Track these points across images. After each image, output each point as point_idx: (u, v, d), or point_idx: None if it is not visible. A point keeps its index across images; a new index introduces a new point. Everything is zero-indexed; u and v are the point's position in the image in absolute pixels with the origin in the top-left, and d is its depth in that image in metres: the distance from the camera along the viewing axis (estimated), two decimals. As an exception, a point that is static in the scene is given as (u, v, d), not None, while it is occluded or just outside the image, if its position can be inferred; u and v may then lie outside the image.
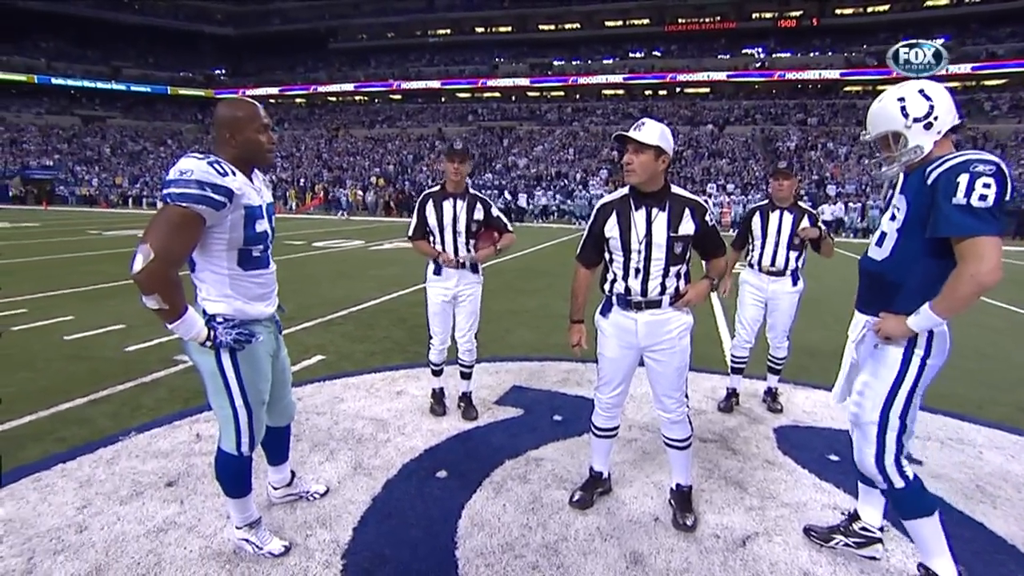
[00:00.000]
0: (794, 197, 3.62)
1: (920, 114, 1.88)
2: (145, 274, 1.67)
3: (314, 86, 49.68)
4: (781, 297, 3.65)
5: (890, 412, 1.96)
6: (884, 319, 1.94)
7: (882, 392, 1.96)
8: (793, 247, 3.56)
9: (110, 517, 2.40)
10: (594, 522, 2.45)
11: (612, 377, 2.47)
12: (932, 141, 1.88)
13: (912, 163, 1.92)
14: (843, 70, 39.93)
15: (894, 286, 1.94)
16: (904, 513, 2.02)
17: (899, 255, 1.93)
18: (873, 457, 1.99)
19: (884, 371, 1.96)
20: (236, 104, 1.92)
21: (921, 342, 1.90)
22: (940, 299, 1.77)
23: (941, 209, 1.74)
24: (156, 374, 4.21)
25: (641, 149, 2.20)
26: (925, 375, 1.93)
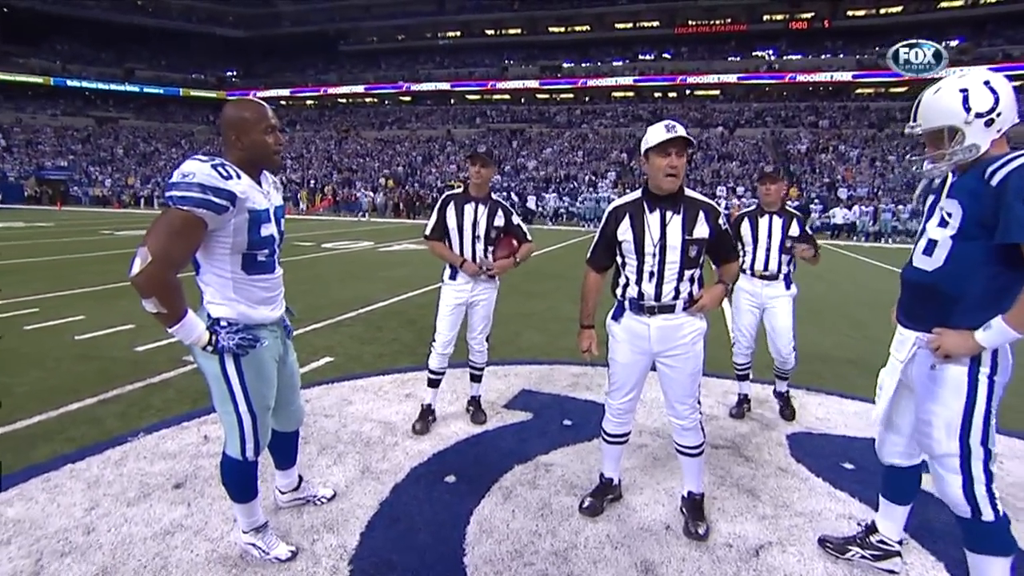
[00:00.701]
0: (782, 201, 3.56)
1: (983, 109, 1.72)
2: (143, 277, 1.65)
3: (324, 88, 49.99)
4: (776, 302, 3.56)
5: (970, 440, 1.78)
6: (943, 335, 1.78)
7: (955, 420, 1.79)
8: (784, 251, 3.50)
9: (118, 519, 2.39)
10: (604, 529, 2.42)
11: (624, 383, 2.44)
12: (990, 140, 1.72)
13: (963, 163, 1.77)
14: (855, 72, 39.61)
15: (951, 298, 1.78)
16: (979, 547, 1.84)
17: (955, 264, 1.77)
18: (960, 488, 1.81)
19: (950, 396, 1.80)
20: (243, 105, 1.90)
21: (986, 359, 1.75)
22: (1017, 311, 1.61)
23: (1013, 212, 1.58)
24: (165, 374, 4.22)
25: (685, 150, 2.16)
26: (996, 395, 1.77)
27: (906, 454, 2.10)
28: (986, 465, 1.79)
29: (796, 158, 33.16)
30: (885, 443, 2.15)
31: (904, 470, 2.14)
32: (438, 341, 3.37)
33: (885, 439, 2.15)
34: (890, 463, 2.16)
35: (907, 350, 1.93)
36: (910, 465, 2.12)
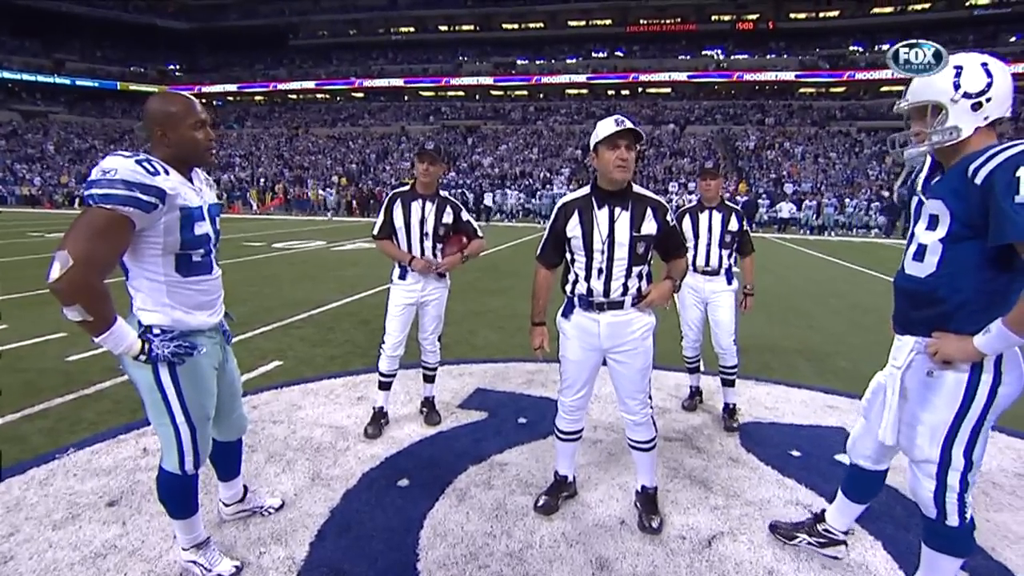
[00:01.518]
0: (722, 196, 3.60)
1: (973, 89, 1.63)
2: (64, 283, 1.52)
3: (274, 83, 48.45)
4: (719, 296, 3.57)
5: (952, 448, 1.72)
6: (942, 340, 1.70)
7: (941, 426, 1.73)
8: (725, 245, 3.53)
9: (41, 544, 2.23)
10: (559, 528, 2.41)
11: (575, 380, 2.43)
12: (973, 126, 1.64)
13: (943, 146, 1.70)
14: (798, 72, 41.20)
15: (948, 304, 1.71)
16: (935, 546, 1.83)
17: (948, 269, 1.69)
18: (932, 493, 1.77)
19: (941, 401, 1.73)
20: (168, 99, 1.78)
21: (988, 366, 1.66)
22: (1016, 314, 1.53)
23: (1003, 211, 1.49)
24: (99, 385, 3.98)
25: (633, 145, 2.16)
26: (996, 404, 1.67)
27: (874, 459, 2.07)
28: (964, 476, 1.73)
29: (744, 155, 34.20)
30: (858, 444, 2.11)
31: (869, 472, 2.11)
32: (388, 343, 3.29)
33: (861, 439, 2.09)
34: (856, 463, 2.13)
35: (905, 356, 1.84)
36: (876, 470, 2.10)
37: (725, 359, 3.60)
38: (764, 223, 24.26)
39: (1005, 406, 1.69)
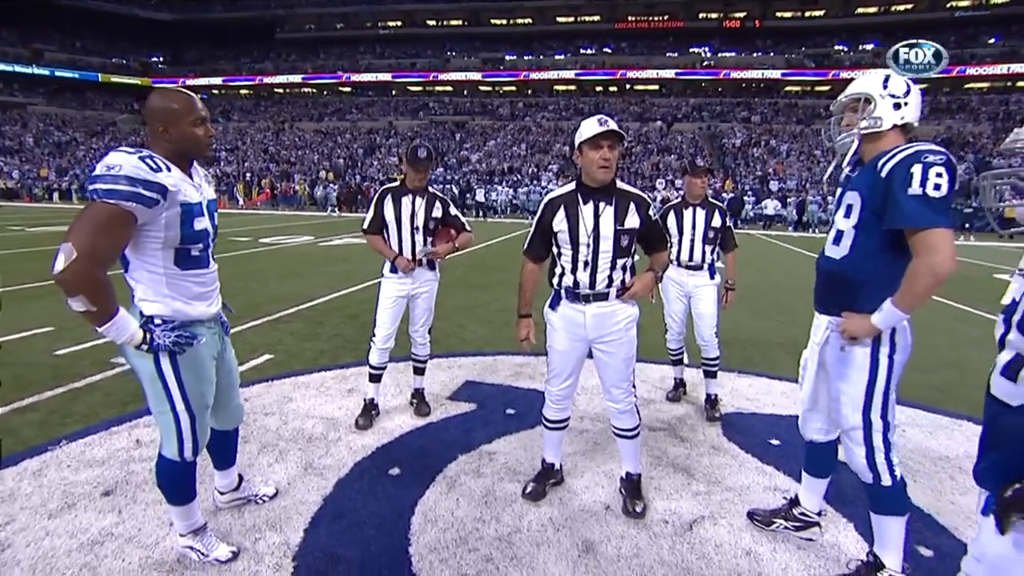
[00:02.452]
0: (705, 194, 3.67)
1: (897, 92, 1.92)
2: (68, 274, 1.57)
3: (260, 77, 47.97)
4: (702, 290, 3.66)
5: (871, 413, 1.95)
6: (848, 319, 1.93)
7: (858, 396, 1.95)
8: (708, 241, 3.62)
9: (38, 532, 2.26)
10: (547, 513, 2.49)
11: (562, 369, 2.51)
12: (892, 122, 1.90)
13: (867, 133, 1.94)
14: (784, 70, 41.65)
15: (856, 284, 1.92)
16: (880, 509, 2.02)
17: (858, 252, 1.91)
18: (864, 458, 1.98)
19: (855, 375, 1.95)
20: (170, 95, 1.82)
21: (885, 339, 1.90)
22: (901, 294, 1.76)
23: (897, 200, 1.74)
24: (90, 378, 3.99)
25: (617, 143, 2.24)
26: (896, 371, 1.92)
27: (824, 430, 2.26)
28: (885, 436, 1.96)
29: (731, 152, 34.55)
30: (807, 421, 2.30)
31: (822, 445, 2.29)
32: (378, 335, 3.35)
33: (807, 417, 2.30)
34: (810, 439, 2.31)
35: (822, 333, 2.09)
36: (827, 441, 2.28)
37: (707, 351, 3.70)
38: (750, 220, 24.56)
39: (901, 372, 1.95)
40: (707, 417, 3.63)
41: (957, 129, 32.86)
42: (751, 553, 2.26)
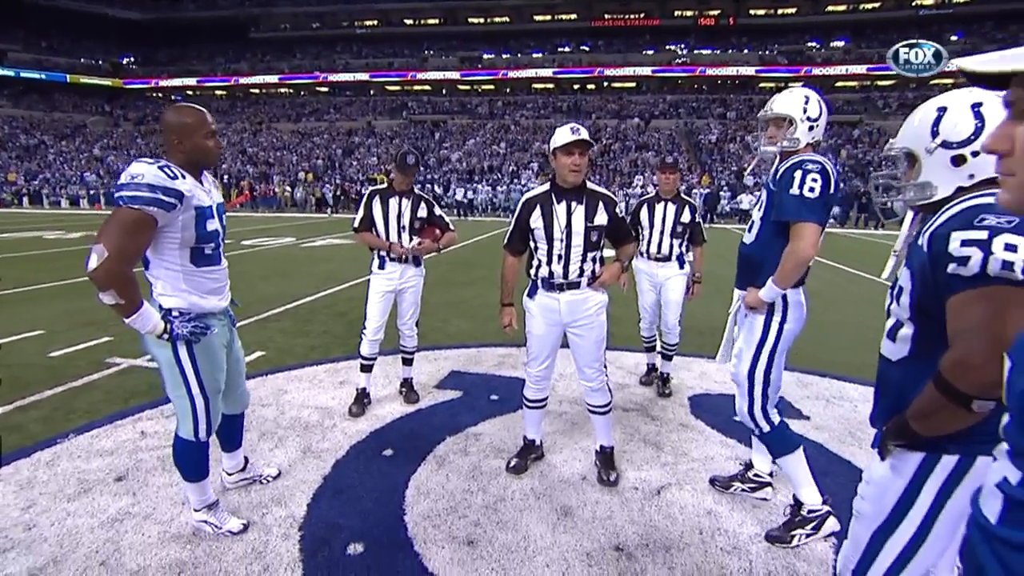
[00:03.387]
0: (677, 190, 3.94)
1: (813, 115, 2.28)
2: (101, 272, 1.78)
3: (235, 78, 47.32)
4: (672, 281, 3.93)
5: (756, 369, 2.32)
6: (748, 293, 2.34)
7: (749, 354, 2.35)
8: (676, 235, 3.87)
9: (59, 514, 2.44)
10: (529, 484, 2.74)
11: (540, 352, 2.76)
12: (805, 142, 2.28)
13: (786, 151, 2.30)
14: (758, 67, 42.40)
15: (758, 265, 2.31)
16: (774, 453, 2.41)
17: (761, 240, 2.31)
18: (747, 407, 2.37)
19: (750, 336, 2.36)
20: (184, 111, 2.04)
21: (778, 309, 2.29)
22: (777, 273, 2.18)
23: (781, 198, 2.16)
24: (88, 377, 4.14)
25: (587, 150, 2.49)
26: (784, 337, 2.30)
27: None
28: (764, 391, 2.32)
29: (707, 148, 35.14)
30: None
31: None
32: (369, 328, 3.56)
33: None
34: None
35: (734, 304, 2.51)
36: None
37: (669, 337, 4.02)
38: (726, 214, 25.08)
39: (791, 339, 2.33)
40: (659, 393, 3.98)
41: (923, 123, 33.86)
42: (712, 512, 2.54)
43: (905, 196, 1.32)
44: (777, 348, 2.31)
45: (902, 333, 1.29)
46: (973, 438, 1.14)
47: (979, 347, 1.04)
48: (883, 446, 1.30)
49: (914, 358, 1.26)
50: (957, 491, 1.20)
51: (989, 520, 0.69)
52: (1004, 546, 0.67)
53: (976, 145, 1.20)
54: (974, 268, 1.07)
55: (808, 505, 2.32)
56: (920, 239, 1.20)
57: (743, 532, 2.38)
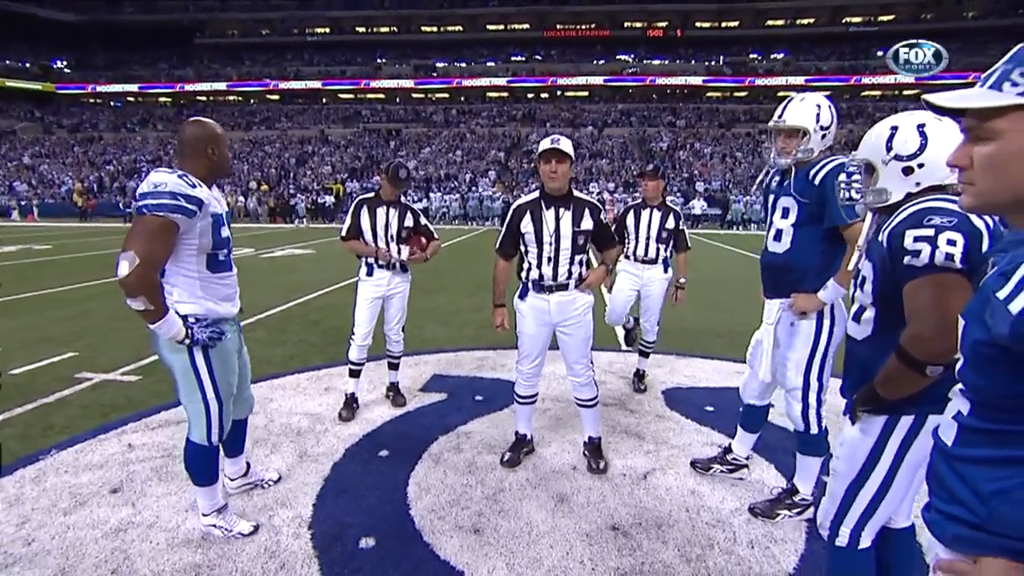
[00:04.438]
0: (662, 195, 4.11)
1: (826, 123, 2.32)
2: (133, 278, 1.84)
3: (181, 84, 45.77)
4: (654, 282, 4.12)
5: (811, 376, 2.38)
6: (796, 298, 2.35)
7: (802, 361, 2.39)
8: (661, 240, 4.07)
9: (58, 527, 2.43)
10: (524, 476, 2.89)
11: (531, 350, 2.93)
12: (819, 148, 2.33)
13: (801, 160, 2.34)
14: (705, 77, 44.14)
15: (800, 271, 2.35)
16: (805, 451, 2.50)
17: (798, 245, 2.36)
18: (800, 412, 2.43)
19: (800, 344, 2.39)
20: (210, 123, 2.15)
21: (827, 313, 2.34)
22: (841, 273, 2.21)
23: (832, 203, 2.18)
24: (58, 394, 4.03)
25: (564, 159, 2.67)
26: (834, 340, 2.36)
27: (759, 397, 2.77)
28: (819, 395, 2.41)
29: (659, 155, 36.25)
30: (747, 387, 2.79)
31: (758, 408, 2.81)
32: (357, 333, 3.64)
33: (748, 384, 2.78)
34: (749, 402, 2.81)
35: (775, 314, 2.50)
36: (762, 404, 2.80)
37: (648, 335, 4.24)
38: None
39: (838, 341, 2.35)
40: (634, 388, 4.19)
41: (857, 133, 35.95)
42: (695, 492, 2.75)
43: (865, 200, 1.56)
44: (828, 352, 2.37)
45: (866, 316, 1.52)
46: (925, 400, 1.38)
47: (930, 323, 1.27)
48: (853, 412, 1.52)
49: (876, 336, 1.49)
50: (914, 445, 1.44)
51: (947, 444, 0.91)
52: (958, 460, 0.89)
53: (922, 158, 1.46)
54: (924, 259, 1.30)
55: (802, 494, 2.53)
56: (880, 236, 1.43)
57: (724, 507, 2.61)
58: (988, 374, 0.84)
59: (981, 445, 0.87)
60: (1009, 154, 0.81)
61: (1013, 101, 0.80)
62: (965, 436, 0.89)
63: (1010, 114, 0.81)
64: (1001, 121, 0.81)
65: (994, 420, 0.85)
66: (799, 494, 2.56)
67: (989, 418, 0.86)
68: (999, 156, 0.82)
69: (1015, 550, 0.81)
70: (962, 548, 0.88)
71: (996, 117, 0.82)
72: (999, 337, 0.78)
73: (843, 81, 41.80)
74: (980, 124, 0.84)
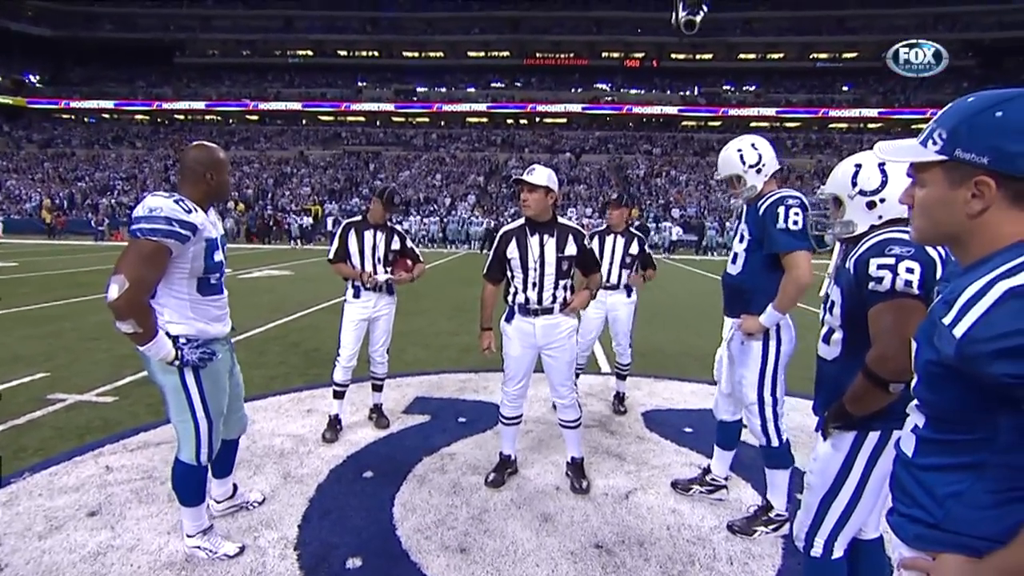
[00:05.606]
0: (626, 223, 4.24)
1: (753, 162, 2.53)
2: (123, 301, 1.86)
3: (158, 102, 45.36)
4: (619, 308, 4.23)
5: (764, 391, 2.55)
6: (745, 319, 2.52)
7: (754, 379, 2.55)
8: (625, 266, 4.19)
9: (33, 552, 2.38)
10: (508, 496, 2.93)
11: (516, 372, 2.99)
12: (762, 181, 2.53)
13: (750, 197, 2.55)
14: (680, 107, 45.48)
15: (748, 293, 2.54)
16: (770, 464, 2.64)
17: (748, 269, 2.55)
18: (760, 426, 2.58)
19: (752, 362, 2.56)
20: (213, 148, 2.19)
21: (773, 335, 2.50)
22: (777, 299, 2.39)
23: (770, 233, 2.39)
24: (31, 415, 3.94)
25: (533, 189, 2.77)
26: (782, 356, 2.54)
27: (731, 412, 2.89)
28: (774, 409, 2.57)
29: (635, 182, 37.02)
30: (718, 404, 2.92)
31: (730, 423, 2.92)
32: (343, 355, 3.66)
33: (719, 400, 2.91)
34: (721, 419, 2.93)
35: (729, 333, 2.69)
36: (733, 420, 2.91)
37: (622, 358, 4.35)
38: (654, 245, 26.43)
39: (787, 359, 2.57)
40: (614, 410, 4.28)
41: (826, 163, 37.31)
42: (675, 511, 2.82)
43: (834, 231, 1.69)
44: (777, 368, 2.54)
45: (835, 337, 1.64)
46: (890, 417, 1.48)
47: (892, 344, 1.39)
48: (825, 429, 1.62)
49: (845, 357, 1.61)
50: (880, 459, 1.54)
51: (907, 454, 1.01)
52: (917, 468, 0.99)
53: (883, 194, 1.60)
54: (886, 285, 1.43)
55: (777, 510, 2.63)
56: (847, 263, 1.56)
57: (704, 525, 2.68)
58: (939, 390, 0.94)
59: (936, 454, 0.97)
60: (931, 200, 0.96)
61: (932, 158, 0.94)
62: (922, 446, 0.99)
63: (931, 169, 0.95)
64: (926, 173, 0.96)
65: (946, 431, 0.95)
66: (774, 510, 2.65)
67: (942, 430, 0.96)
68: (924, 201, 0.97)
69: (969, 546, 0.90)
70: (922, 546, 0.97)
71: (924, 169, 0.96)
72: (947, 358, 0.88)
73: (812, 113, 43.52)
74: (916, 172, 0.98)
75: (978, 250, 0.91)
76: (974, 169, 0.89)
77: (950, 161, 0.91)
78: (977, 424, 0.90)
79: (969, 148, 0.89)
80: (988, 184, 0.88)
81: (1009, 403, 0.82)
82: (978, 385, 0.85)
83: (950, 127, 0.92)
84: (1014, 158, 0.86)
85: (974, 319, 0.83)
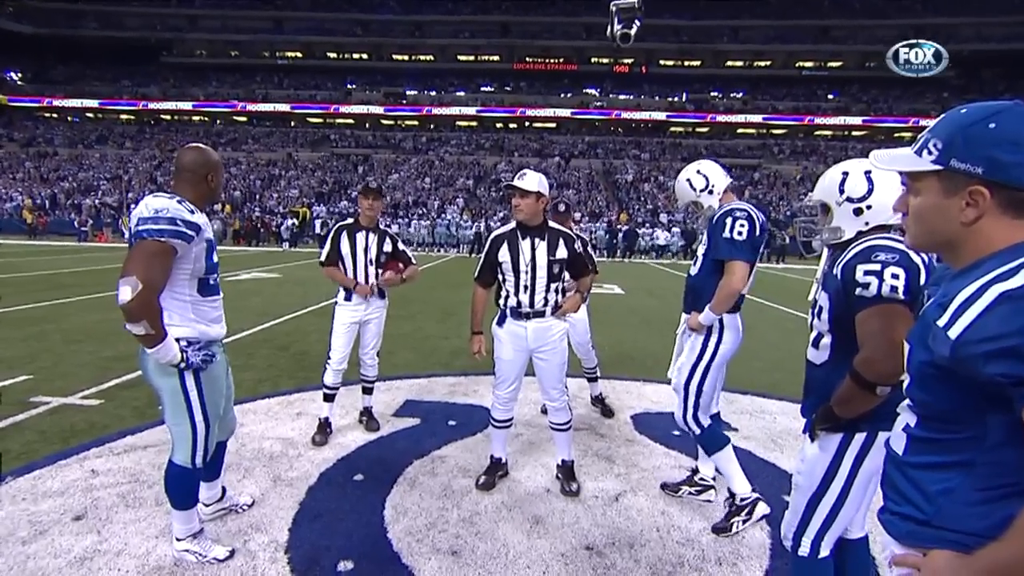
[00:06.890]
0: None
1: (702, 187, 2.75)
2: (136, 302, 1.86)
3: (144, 102, 44.86)
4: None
5: (692, 381, 2.70)
6: (691, 316, 2.74)
7: (686, 367, 2.73)
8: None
9: (17, 557, 2.34)
10: (499, 499, 2.94)
11: (507, 376, 3.00)
12: (716, 200, 2.74)
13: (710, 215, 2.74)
14: (668, 113, 45.86)
15: (701, 292, 2.70)
16: (707, 451, 2.79)
17: (703, 272, 2.73)
18: (681, 413, 2.75)
19: (691, 353, 2.75)
20: (207, 151, 2.20)
21: (715, 331, 2.68)
22: (712, 301, 2.57)
23: (716, 241, 2.59)
24: (13, 418, 3.88)
25: (525, 194, 2.80)
26: (719, 355, 2.69)
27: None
28: (696, 400, 2.70)
29: (624, 187, 37.25)
30: None
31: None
32: (333, 358, 3.65)
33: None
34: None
35: (681, 326, 2.94)
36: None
37: (586, 362, 4.39)
38: (644, 250, 26.58)
39: (728, 357, 2.73)
40: (602, 413, 4.31)
41: (811, 169, 37.82)
42: (665, 513, 2.85)
43: (822, 237, 1.73)
44: (712, 364, 2.70)
45: (823, 342, 1.67)
46: (876, 419, 1.52)
47: (879, 348, 1.42)
48: (813, 430, 1.65)
49: (833, 361, 1.64)
50: (866, 461, 1.58)
51: (898, 453, 1.04)
52: (908, 467, 1.02)
53: (870, 200, 1.64)
54: (873, 291, 1.46)
55: (740, 494, 2.68)
56: (835, 270, 1.59)
57: (693, 527, 2.71)
58: (931, 390, 0.97)
59: (927, 452, 1.00)
60: (925, 208, 0.99)
61: (927, 168, 0.97)
62: (913, 445, 1.02)
63: (926, 178, 0.98)
64: (921, 182, 1.00)
65: (937, 430, 0.98)
66: (737, 495, 2.71)
67: (933, 429, 0.99)
68: (919, 209, 1.01)
69: (958, 542, 0.93)
70: (913, 543, 1.00)
71: (918, 178, 1.00)
72: (941, 359, 0.91)
73: (797, 120, 44.13)
74: (910, 181, 1.02)
75: (971, 255, 0.95)
76: (969, 179, 0.92)
77: (945, 171, 0.95)
78: (967, 423, 0.93)
79: (964, 159, 0.92)
80: (982, 193, 0.91)
81: (1000, 402, 0.85)
82: (970, 385, 0.88)
83: (945, 138, 0.95)
84: (1007, 167, 0.89)
85: (968, 321, 0.86)
